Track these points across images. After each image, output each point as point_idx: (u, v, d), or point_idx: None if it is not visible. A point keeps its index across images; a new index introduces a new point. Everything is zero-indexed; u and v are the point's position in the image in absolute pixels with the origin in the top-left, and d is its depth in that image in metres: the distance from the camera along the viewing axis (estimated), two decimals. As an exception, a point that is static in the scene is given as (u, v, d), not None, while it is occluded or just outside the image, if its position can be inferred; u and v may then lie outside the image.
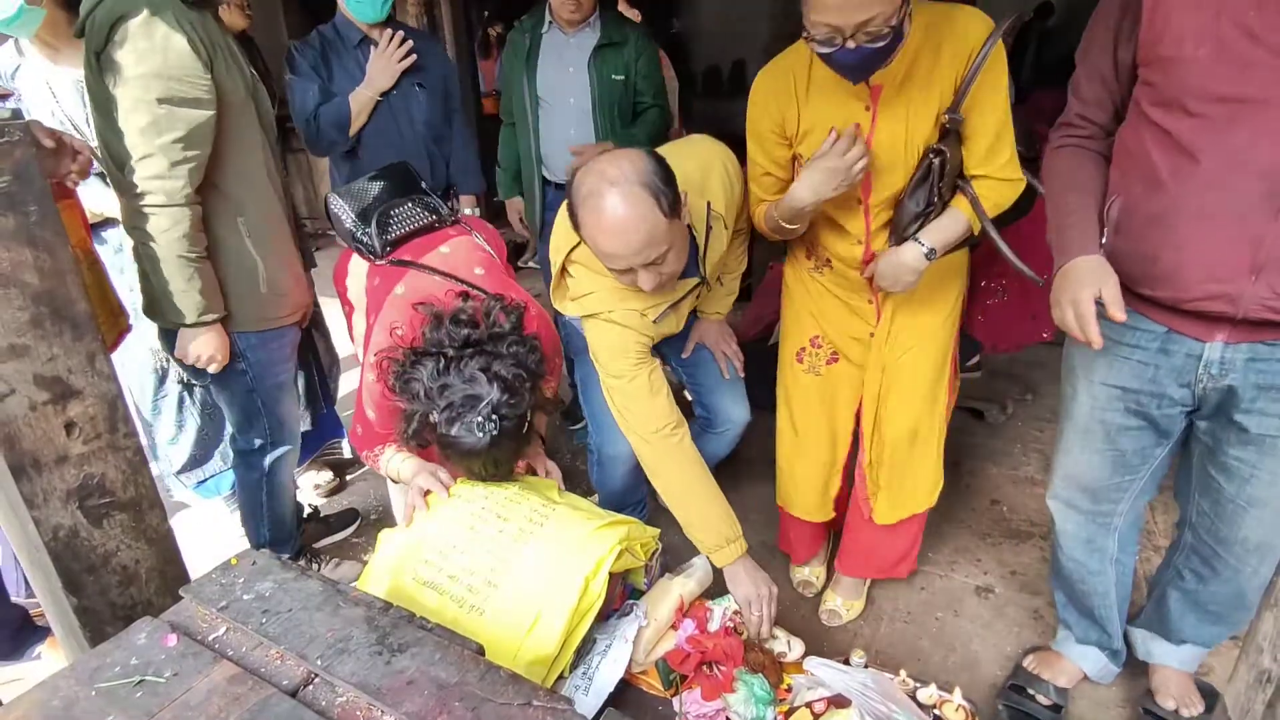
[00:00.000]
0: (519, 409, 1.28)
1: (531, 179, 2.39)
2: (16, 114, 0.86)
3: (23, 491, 0.93)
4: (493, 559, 1.22)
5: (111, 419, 1.00)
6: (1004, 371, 3.01)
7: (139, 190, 1.34)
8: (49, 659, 1.65)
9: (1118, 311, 1.07)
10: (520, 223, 2.54)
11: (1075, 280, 1.11)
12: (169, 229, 1.36)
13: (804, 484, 1.70)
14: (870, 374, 1.55)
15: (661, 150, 1.34)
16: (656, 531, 1.46)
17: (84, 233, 1.44)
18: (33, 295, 0.89)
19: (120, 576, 1.05)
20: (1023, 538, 2.08)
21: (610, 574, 1.27)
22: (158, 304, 1.44)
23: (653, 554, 1.45)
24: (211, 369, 1.52)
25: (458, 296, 1.39)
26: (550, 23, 2.25)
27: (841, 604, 1.79)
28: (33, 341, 0.91)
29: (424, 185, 1.76)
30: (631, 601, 1.40)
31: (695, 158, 1.42)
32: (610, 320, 1.40)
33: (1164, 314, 1.15)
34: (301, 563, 1.88)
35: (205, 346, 1.48)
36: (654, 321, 1.43)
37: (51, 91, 1.69)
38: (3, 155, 0.84)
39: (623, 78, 2.24)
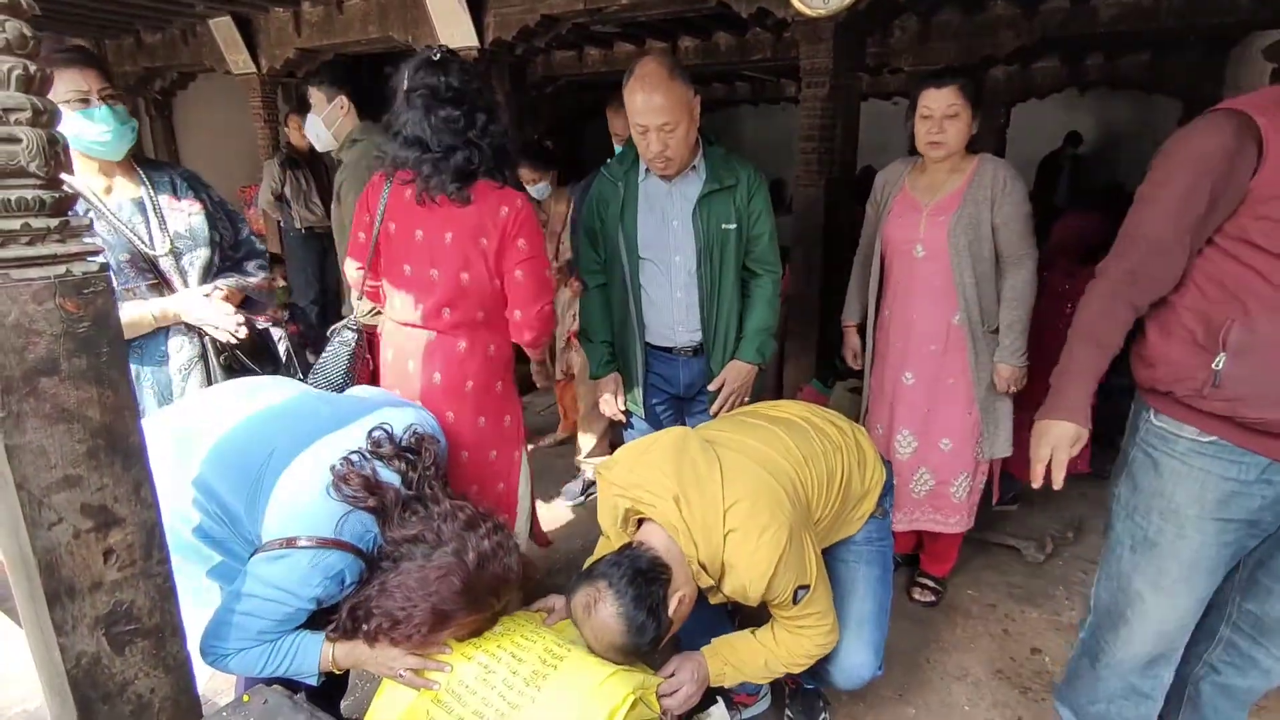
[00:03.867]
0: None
1: (631, 349, 2.03)
2: (104, 267, 0.94)
3: (54, 618, 0.95)
4: (504, 703, 1.19)
5: (148, 546, 1.04)
6: (1042, 505, 2.91)
7: None
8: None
9: (1057, 477, 1.29)
10: (614, 401, 2.07)
11: (1061, 436, 1.28)
12: None
13: None
14: None
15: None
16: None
17: None
18: (93, 429, 0.95)
19: (134, 706, 1.05)
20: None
21: (624, 723, 1.23)
22: None
23: (670, 700, 1.40)
24: None
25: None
26: (648, 170, 1.93)
27: None
28: (86, 472, 0.96)
29: None
30: (645, 752, 1.34)
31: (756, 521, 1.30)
32: None
33: (1265, 442, 1.18)
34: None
35: None
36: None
37: (107, 208, 1.68)
38: (87, 304, 0.92)
39: (734, 226, 1.92)
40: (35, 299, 0.88)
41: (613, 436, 2.99)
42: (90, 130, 1.62)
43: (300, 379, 1.87)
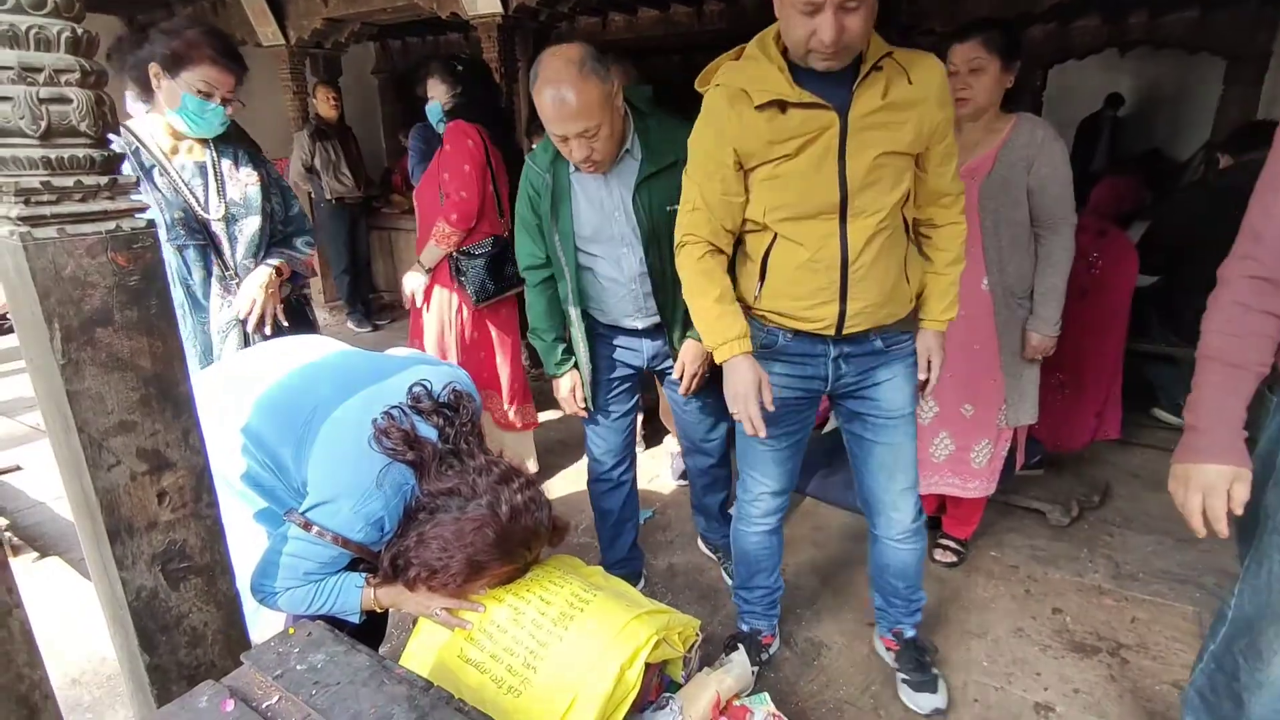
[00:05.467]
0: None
1: (580, 345, 1.92)
2: (151, 223, 0.99)
3: (115, 554, 1.02)
4: (533, 641, 1.25)
5: (198, 490, 1.10)
6: (1069, 469, 2.90)
7: None
8: None
9: (1219, 529, 1.10)
10: (574, 398, 1.98)
11: (1214, 482, 1.10)
12: None
13: None
14: None
15: None
16: (697, 622, 1.46)
17: None
18: (145, 378, 1.01)
19: (189, 637, 1.13)
20: (1088, 652, 1.97)
21: (647, 664, 1.28)
22: None
23: (691, 645, 1.45)
24: None
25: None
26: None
27: None
28: (140, 418, 1.02)
29: None
30: (668, 695, 1.39)
31: None
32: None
33: None
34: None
35: None
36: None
37: (170, 167, 1.80)
38: (136, 258, 0.97)
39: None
40: (89, 253, 0.93)
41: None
42: (196, 114, 1.75)
43: None
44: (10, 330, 3.61)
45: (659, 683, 1.43)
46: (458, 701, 0.98)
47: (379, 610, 1.35)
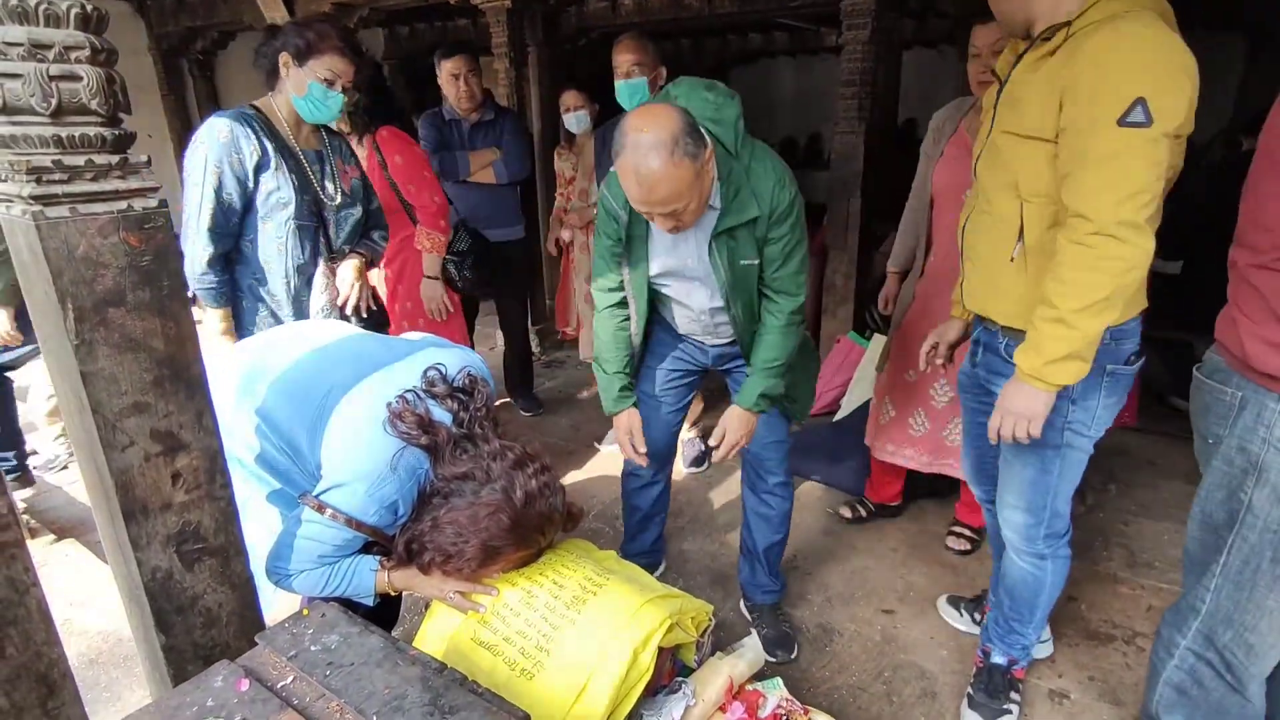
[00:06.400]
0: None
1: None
2: (163, 204, 0.99)
3: (130, 534, 1.03)
4: (546, 625, 1.25)
5: (211, 471, 1.10)
6: (1084, 458, 2.87)
7: None
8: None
9: None
10: (632, 442, 1.79)
11: None
12: None
13: None
14: None
15: None
16: (710, 607, 1.45)
17: None
18: (158, 359, 1.01)
19: (204, 618, 1.13)
20: (1102, 640, 1.95)
21: (660, 648, 1.28)
22: None
23: (704, 630, 1.45)
24: None
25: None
26: None
27: None
28: (153, 400, 1.02)
29: None
30: (680, 679, 1.39)
31: None
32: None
33: None
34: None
35: None
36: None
37: (299, 154, 1.90)
38: (148, 238, 0.96)
39: (758, 262, 1.58)
40: (101, 233, 0.93)
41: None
42: (320, 100, 1.86)
43: None
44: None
45: (672, 667, 1.43)
46: (471, 683, 0.98)
47: (393, 594, 1.35)
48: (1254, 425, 1.13)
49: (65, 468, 2.95)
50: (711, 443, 1.71)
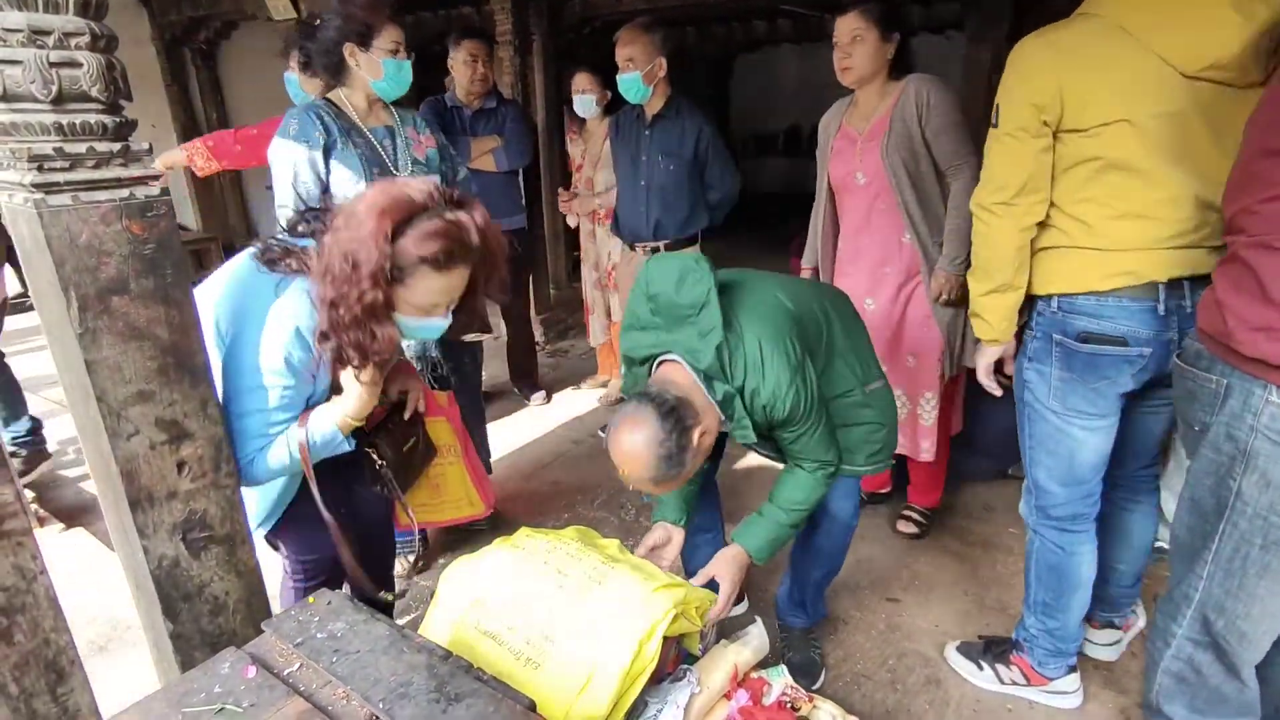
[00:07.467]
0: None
1: None
2: (165, 191, 0.98)
3: (137, 523, 1.03)
4: (551, 614, 1.25)
5: (216, 459, 1.11)
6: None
7: None
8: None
9: None
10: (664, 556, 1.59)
11: None
12: None
13: None
14: None
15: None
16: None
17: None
18: (162, 347, 1.01)
19: (211, 606, 1.14)
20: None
21: (665, 637, 1.28)
22: None
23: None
24: None
25: None
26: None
27: None
28: (158, 388, 1.02)
29: None
30: (685, 667, 1.40)
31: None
32: None
33: None
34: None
35: None
36: None
37: (366, 133, 1.92)
38: (151, 226, 0.96)
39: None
40: (103, 220, 0.93)
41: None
42: (394, 75, 1.89)
43: None
44: (29, 308, 3.67)
45: (676, 655, 1.43)
46: (476, 670, 0.98)
47: (356, 423, 1.28)
48: (1241, 412, 1.12)
49: None
50: (696, 583, 1.46)
